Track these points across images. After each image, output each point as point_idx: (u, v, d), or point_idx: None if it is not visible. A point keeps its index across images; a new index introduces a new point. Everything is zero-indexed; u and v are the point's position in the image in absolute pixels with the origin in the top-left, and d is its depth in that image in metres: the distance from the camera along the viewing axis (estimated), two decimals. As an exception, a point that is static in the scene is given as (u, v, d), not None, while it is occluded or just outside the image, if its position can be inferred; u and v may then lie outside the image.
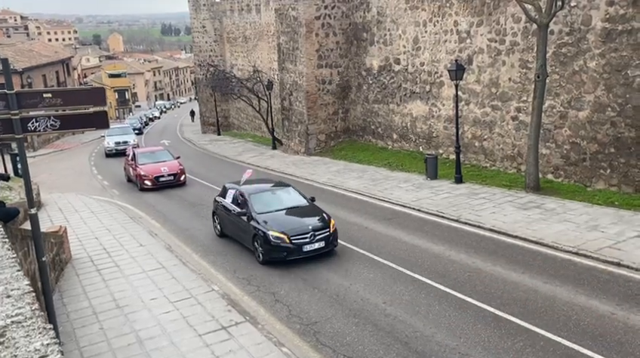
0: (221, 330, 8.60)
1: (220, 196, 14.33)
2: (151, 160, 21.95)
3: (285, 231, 11.45)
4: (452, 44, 19.88)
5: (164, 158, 22.45)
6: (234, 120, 45.00)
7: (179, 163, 22.10)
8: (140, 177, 21.10)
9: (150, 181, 20.94)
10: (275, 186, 13.92)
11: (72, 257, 12.73)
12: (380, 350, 7.87)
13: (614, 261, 10.14)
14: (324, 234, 11.70)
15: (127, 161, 23.47)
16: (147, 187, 20.92)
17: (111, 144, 33.93)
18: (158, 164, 21.64)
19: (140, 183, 21.14)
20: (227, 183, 14.63)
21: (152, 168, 21.28)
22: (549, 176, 16.45)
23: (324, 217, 12.20)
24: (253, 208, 12.33)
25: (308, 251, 11.46)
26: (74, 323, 9.16)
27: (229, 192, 13.73)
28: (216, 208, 14.25)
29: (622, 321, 8.05)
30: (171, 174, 21.28)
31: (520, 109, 17.41)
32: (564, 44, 15.58)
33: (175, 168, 21.61)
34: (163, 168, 21.32)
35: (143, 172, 21.11)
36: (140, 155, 22.47)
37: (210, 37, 43.98)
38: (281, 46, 28.36)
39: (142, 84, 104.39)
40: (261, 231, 11.67)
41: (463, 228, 13.29)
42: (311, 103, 26.15)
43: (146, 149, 24.99)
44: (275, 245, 11.38)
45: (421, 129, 22.24)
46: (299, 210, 12.59)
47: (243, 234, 12.61)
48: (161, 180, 20.99)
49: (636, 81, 13.85)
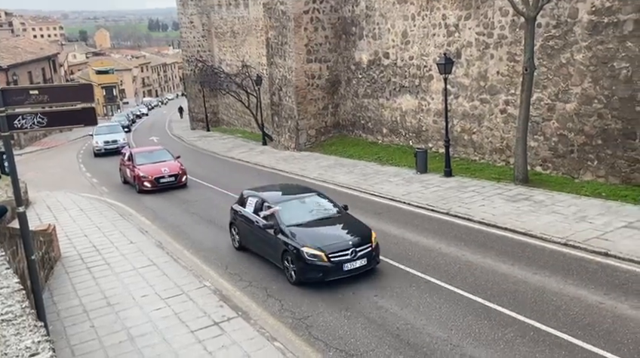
0: (213, 326, 8.60)
1: (238, 205, 12.67)
2: (149, 160, 20.67)
3: (322, 247, 9.90)
4: (441, 38, 19.93)
5: (163, 158, 21.16)
6: (223, 116, 44.79)
7: (180, 163, 20.86)
8: (139, 179, 19.79)
9: (150, 183, 19.65)
10: (302, 194, 12.13)
11: (61, 255, 12.64)
12: (372, 343, 7.92)
13: (602, 251, 10.27)
14: (367, 250, 10.18)
15: (122, 161, 22.14)
16: (147, 189, 19.60)
17: (100, 143, 32.53)
18: (158, 164, 20.39)
19: (138, 185, 19.85)
20: (246, 189, 12.95)
21: (151, 169, 20.00)
22: (538, 168, 16.59)
23: (364, 230, 10.72)
24: (280, 219, 10.74)
25: (349, 270, 9.90)
26: (64, 321, 9.11)
27: (249, 201, 12.10)
28: (234, 218, 12.60)
29: (610, 310, 8.17)
30: (172, 174, 20.00)
31: (508, 102, 17.52)
32: (552, 37, 15.69)
33: (176, 168, 20.34)
34: (163, 169, 20.04)
35: (141, 173, 19.81)
36: (137, 155, 21.22)
37: (198, 32, 43.66)
38: (269, 41, 28.24)
39: (129, 80, 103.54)
40: (293, 247, 10.11)
41: (453, 221, 13.38)
42: (300, 98, 26.10)
43: (144, 148, 23.28)
44: (311, 263, 9.83)
45: (411, 123, 22.30)
46: (333, 221, 11.10)
47: (269, 249, 11.05)
48: (161, 182, 19.74)
49: (622, 73, 14.00)
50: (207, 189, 19.91)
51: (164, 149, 22.82)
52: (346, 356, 7.66)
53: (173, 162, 20.84)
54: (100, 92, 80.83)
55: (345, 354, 7.70)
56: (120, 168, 22.50)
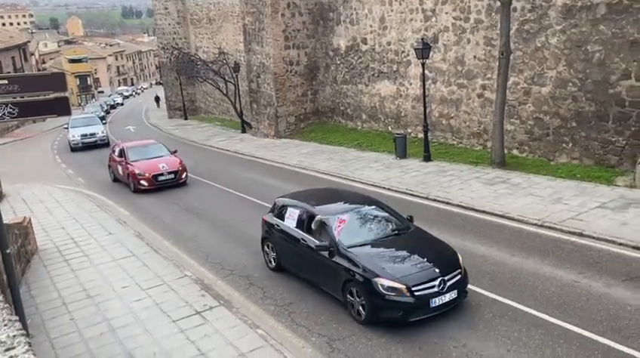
0: (195, 315, 8.57)
1: (273, 216, 10.35)
2: (144, 156, 18.62)
3: (402, 278, 7.66)
4: (418, 23, 19.94)
5: (159, 153, 19.15)
6: (201, 104, 44.27)
7: (178, 159, 18.84)
8: (135, 177, 17.76)
9: (147, 181, 17.65)
10: (358, 203, 9.59)
11: (38, 248, 12.42)
12: (354, 328, 7.99)
13: (577, 232, 10.51)
14: (456, 277, 7.98)
15: (112, 158, 20.05)
16: (144, 188, 17.64)
17: (76, 137, 30.01)
18: (155, 160, 18.40)
19: (133, 184, 17.87)
20: (280, 197, 10.69)
21: (148, 166, 18.02)
22: (514, 151, 16.83)
23: (447, 250, 8.63)
24: (339, 238, 8.52)
25: (437, 306, 7.72)
26: (43, 315, 8.98)
27: (288, 212, 9.83)
28: (269, 232, 10.35)
29: (584, 288, 8.38)
30: (172, 171, 18.02)
31: (485, 87, 17.68)
32: (527, 20, 15.82)
33: (175, 164, 18.34)
34: (162, 165, 18.06)
35: (137, 170, 17.79)
36: (130, 150, 19.02)
37: (173, 19, 42.88)
38: (246, 27, 27.90)
39: (104, 69, 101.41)
40: (361, 276, 7.87)
41: (432, 205, 13.53)
42: (279, 85, 25.91)
43: (137, 142, 20.81)
44: (389, 299, 7.56)
45: (390, 109, 22.36)
46: (405, 239, 8.81)
47: (323, 276, 8.85)
48: (160, 180, 17.75)
49: (595, 56, 14.21)
50: (187, 179, 19.73)
51: (159, 143, 20.70)
52: (329, 340, 7.72)
53: (171, 158, 18.91)
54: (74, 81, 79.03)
55: (327, 339, 7.77)
56: (109, 165, 20.45)
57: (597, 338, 7.04)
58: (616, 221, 10.75)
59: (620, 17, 13.53)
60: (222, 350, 7.47)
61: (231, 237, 12.62)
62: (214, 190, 17.44)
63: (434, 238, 9.08)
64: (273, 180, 18.21)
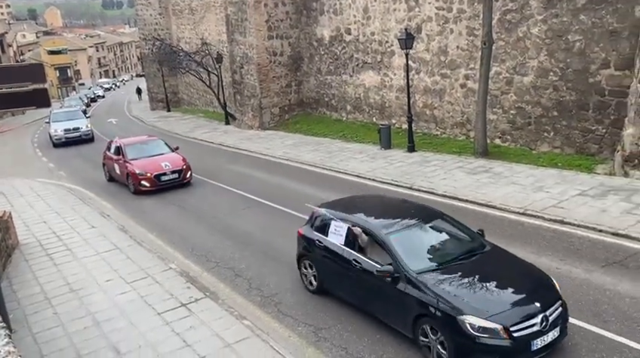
0: (181, 307, 8.55)
1: (313, 230, 8.66)
2: (144, 153, 17.13)
3: (496, 316, 6.13)
4: (401, 13, 19.93)
5: (160, 150, 17.63)
6: (184, 95, 43.83)
7: (182, 156, 17.39)
8: (135, 177, 16.23)
9: (149, 181, 16.13)
10: (419, 215, 7.99)
11: (19, 243, 12.25)
12: (340, 316, 8.04)
13: (558, 219, 10.68)
14: (557, 311, 6.47)
15: (107, 155, 18.46)
16: (145, 189, 16.17)
17: (59, 132, 28.37)
18: (156, 158, 16.89)
19: (133, 185, 16.33)
20: (321, 207, 8.79)
21: (149, 164, 16.50)
22: (497, 141, 16.99)
23: (539, 275, 7.08)
24: (404, 262, 6.92)
25: (539, 349, 6.22)
26: (25, 310, 8.88)
27: (333, 226, 8.13)
28: (308, 249, 8.72)
29: (566, 275, 8.53)
30: (175, 170, 16.53)
31: (468, 77, 17.77)
32: (509, 10, 15.92)
33: (179, 162, 16.84)
34: (164, 164, 16.55)
35: (137, 170, 16.26)
36: (128, 147, 17.41)
37: (154, 10, 42.26)
38: (229, 17, 27.62)
39: (84, 60, 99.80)
40: (440, 312, 6.35)
41: (417, 195, 13.60)
42: (263, 75, 25.76)
43: (135, 139, 19.11)
44: (481, 342, 6.06)
45: (374, 100, 22.38)
46: (484, 261, 7.19)
47: (385, 308, 7.30)
48: (163, 180, 16.28)
49: (576, 45, 14.37)
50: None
51: (159, 139, 19.07)
52: (315, 330, 7.77)
53: (174, 155, 17.43)
54: (54, 73, 77.65)
55: (314, 328, 7.81)
56: (104, 163, 18.88)
57: (578, 323, 7.18)
58: (596, 208, 10.94)
59: (599, 7, 13.68)
60: (208, 342, 7.47)
61: (216, 230, 12.57)
62: (199, 183, 17.32)
63: (519, 259, 7.43)
64: (258, 172, 18.16)
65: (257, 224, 12.61)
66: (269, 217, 13.03)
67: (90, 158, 23.71)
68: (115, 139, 18.67)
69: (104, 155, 18.82)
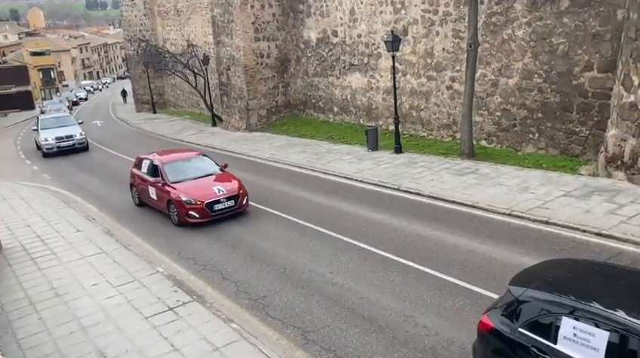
0: (168, 311, 8.49)
1: (511, 322, 5.38)
2: (189, 174, 13.70)
3: None
4: (388, 16, 20.03)
5: (207, 169, 14.17)
6: (170, 97, 43.53)
7: (235, 178, 13.98)
8: (181, 206, 12.79)
9: (199, 211, 12.70)
10: None
11: (2, 247, 12.06)
12: (328, 319, 8.05)
13: (543, 220, 10.80)
14: None
15: (136, 175, 14.93)
16: (194, 221, 12.77)
17: (50, 140, 25.38)
18: (205, 181, 13.59)
19: (178, 215, 12.95)
20: (515, 284, 5.75)
21: (197, 189, 13.06)
22: (483, 142, 17.14)
23: None
24: None
25: None
26: (9, 315, 8.75)
27: (567, 327, 4.86)
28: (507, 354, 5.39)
29: (551, 275, 8.62)
30: (231, 196, 13.09)
31: (454, 79, 17.91)
32: (494, 13, 16.08)
33: (233, 186, 13.41)
34: (217, 188, 13.12)
35: (184, 197, 12.81)
36: (168, 166, 13.84)
37: (139, 11, 41.93)
38: (215, 19, 27.51)
39: (68, 62, 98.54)
40: None
41: (404, 196, 13.68)
42: (250, 77, 25.69)
43: (176, 155, 14.97)
44: None
45: (361, 101, 22.45)
46: None
47: None
48: (216, 209, 12.84)
49: (560, 48, 14.56)
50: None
51: (203, 154, 15.29)
52: (303, 332, 7.77)
53: (226, 176, 14.05)
54: (37, 75, 76.56)
55: (302, 331, 7.81)
56: (132, 184, 15.35)
57: (563, 322, 7.25)
58: (580, 209, 11.09)
59: (582, 10, 13.89)
60: (196, 346, 7.43)
61: (204, 233, 12.50)
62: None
63: None
64: (246, 174, 18.04)
65: (246, 228, 12.57)
66: (256, 220, 13.00)
67: (75, 160, 23.45)
68: (148, 155, 15.07)
69: (132, 175, 15.30)
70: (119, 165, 21.25)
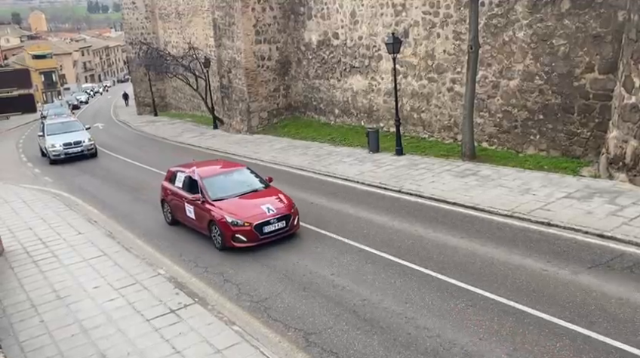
0: (170, 313, 8.49)
1: None
2: (232, 191, 11.93)
3: None
4: (388, 18, 20.06)
5: (251, 184, 12.43)
6: (171, 100, 43.60)
7: (283, 194, 12.15)
8: (225, 227, 11.07)
9: (247, 234, 10.97)
10: None
11: (4, 250, 12.08)
12: (329, 321, 8.05)
13: (545, 221, 10.79)
14: None
15: (169, 189, 13.20)
16: (241, 245, 11.05)
17: (58, 147, 23.94)
18: (250, 198, 11.84)
19: (223, 239, 11.19)
20: None
21: (243, 208, 11.37)
22: (484, 144, 17.13)
23: None
24: None
25: None
26: (11, 318, 8.76)
27: None
28: None
29: (552, 276, 8.62)
30: (282, 216, 11.31)
31: (455, 81, 17.92)
32: (495, 15, 16.09)
33: (284, 205, 11.60)
34: (265, 207, 11.31)
35: (229, 217, 11.06)
36: (207, 181, 12.04)
37: (141, 14, 42.05)
38: (216, 21, 27.57)
39: (70, 65, 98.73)
40: None
41: (405, 198, 13.68)
42: (251, 80, 25.73)
43: (216, 168, 13.08)
44: None
45: (362, 103, 22.46)
46: None
47: None
48: (266, 232, 11.09)
49: (561, 49, 14.56)
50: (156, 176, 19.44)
51: (245, 167, 13.50)
52: (305, 334, 7.76)
53: (273, 191, 12.23)
54: (39, 78, 76.68)
55: (304, 333, 7.80)
56: (165, 200, 13.52)
57: (565, 324, 7.26)
58: (581, 210, 11.07)
59: (583, 12, 13.89)
60: (197, 348, 7.43)
61: (205, 235, 12.49)
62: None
63: None
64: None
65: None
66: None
67: (76, 163, 23.48)
68: (182, 167, 13.28)
69: (164, 189, 13.53)
70: (120, 168, 21.29)
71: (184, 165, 13.69)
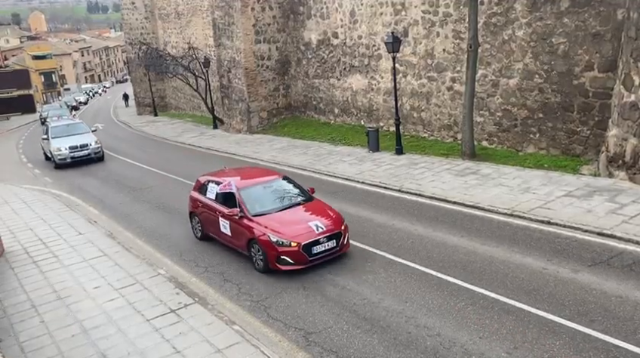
0: (170, 313, 8.50)
1: None
2: (273, 205, 10.54)
3: None
4: (388, 17, 20.05)
5: (293, 196, 11.00)
6: (171, 100, 43.61)
7: (331, 209, 10.76)
8: (270, 247, 9.67)
9: (295, 256, 9.59)
10: None
11: (4, 251, 12.09)
12: (329, 320, 8.05)
13: (545, 220, 10.79)
14: None
15: (199, 201, 11.82)
16: (287, 267, 9.66)
17: (63, 150, 22.82)
18: (294, 213, 10.39)
19: (266, 260, 9.79)
20: None
21: (288, 225, 9.91)
22: (484, 143, 17.13)
23: None
24: None
25: None
26: (12, 318, 8.77)
27: None
28: None
29: (552, 275, 8.62)
30: (332, 234, 9.91)
31: (455, 80, 17.91)
32: (494, 14, 16.09)
33: (334, 221, 10.20)
34: (314, 224, 9.91)
35: (274, 236, 9.65)
36: (247, 194, 10.65)
37: (140, 14, 42.06)
38: (216, 21, 27.57)
39: (70, 65, 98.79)
40: None
41: (405, 197, 13.68)
42: (250, 79, 25.73)
43: (255, 179, 11.42)
44: None
45: (362, 103, 22.46)
46: None
47: None
48: (315, 253, 9.71)
49: (560, 48, 14.56)
50: (156, 176, 19.46)
51: (283, 176, 11.90)
52: (305, 334, 7.77)
53: (317, 205, 10.84)
54: (39, 78, 76.74)
55: (304, 332, 7.81)
56: (194, 213, 12.15)
57: (565, 323, 7.27)
58: (581, 209, 11.07)
59: (582, 10, 13.88)
60: (198, 348, 7.44)
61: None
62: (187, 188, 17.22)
63: None
64: (246, 175, 18.10)
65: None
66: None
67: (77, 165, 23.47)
68: (214, 176, 11.91)
69: (193, 200, 12.16)
70: (122, 168, 21.29)
71: (215, 173, 12.38)
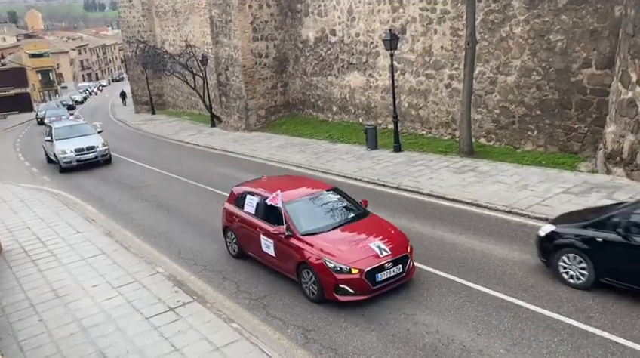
0: (169, 311, 8.50)
1: None
2: (325, 221, 9.12)
3: None
4: (386, 14, 20.03)
5: (346, 211, 9.54)
6: (169, 98, 43.51)
7: (390, 225, 9.35)
8: (327, 274, 8.20)
9: (357, 284, 8.13)
10: None
11: (2, 250, 12.06)
12: (328, 317, 8.06)
13: (543, 217, 10.79)
14: None
15: (236, 216, 10.43)
16: (348, 298, 8.20)
17: (69, 153, 21.38)
18: (350, 232, 8.91)
19: (321, 288, 8.33)
20: None
21: (346, 247, 8.45)
22: (482, 140, 17.14)
23: None
24: None
25: None
26: (10, 317, 8.76)
27: None
28: None
29: (550, 272, 8.63)
30: (397, 258, 8.43)
31: (452, 77, 17.91)
32: (492, 11, 16.08)
33: (399, 241, 8.76)
34: (377, 246, 8.44)
35: (332, 262, 8.19)
36: (294, 208, 9.25)
37: (137, 12, 41.90)
38: (213, 19, 27.50)
39: (67, 63, 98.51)
40: None
41: (403, 195, 13.69)
42: (248, 77, 25.69)
43: (298, 188, 10.12)
44: None
45: (360, 100, 22.44)
46: None
47: None
48: (380, 280, 8.23)
49: (558, 45, 14.57)
50: (154, 174, 19.44)
51: (332, 186, 10.46)
52: (304, 331, 7.78)
53: (375, 221, 9.38)
54: (36, 77, 76.47)
55: (302, 330, 7.82)
56: (227, 227, 10.85)
57: (563, 319, 7.29)
58: (579, 206, 11.05)
59: (580, 7, 13.89)
60: (196, 346, 7.44)
61: (204, 233, 12.51)
62: (185, 186, 17.22)
63: None
64: (245, 174, 18.06)
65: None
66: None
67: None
68: (252, 187, 10.48)
69: (229, 214, 10.74)
70: (120, 166, 21.25)
71: (252, 182, 11.10)
